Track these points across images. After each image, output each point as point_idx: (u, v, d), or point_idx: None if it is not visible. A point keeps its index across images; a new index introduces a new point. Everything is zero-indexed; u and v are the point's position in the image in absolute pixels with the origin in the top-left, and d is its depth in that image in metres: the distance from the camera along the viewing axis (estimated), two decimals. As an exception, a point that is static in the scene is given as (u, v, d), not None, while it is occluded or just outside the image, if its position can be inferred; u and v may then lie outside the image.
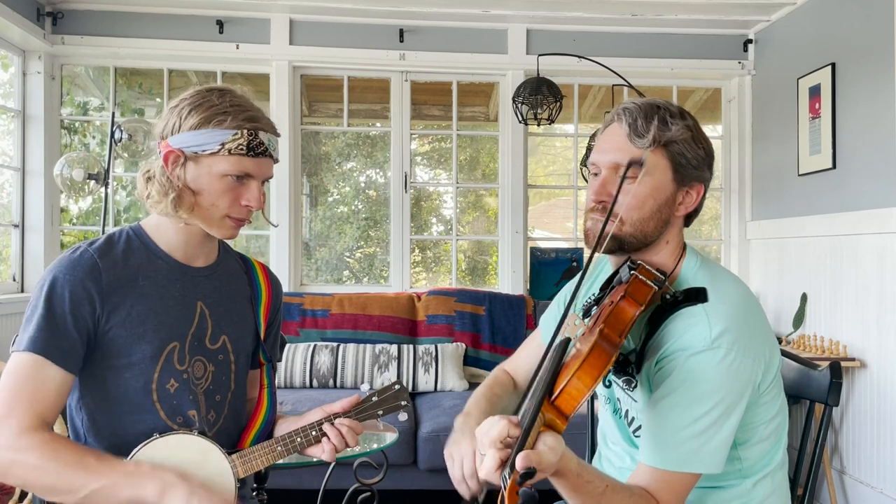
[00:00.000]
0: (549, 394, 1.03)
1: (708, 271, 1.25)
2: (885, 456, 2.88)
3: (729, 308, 1.17)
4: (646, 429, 1.19)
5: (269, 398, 1.49)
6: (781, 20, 3.69)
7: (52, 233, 3.72)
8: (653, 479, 1.15)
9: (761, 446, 1.25)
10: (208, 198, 1.31)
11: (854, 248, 3.06)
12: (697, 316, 1.17)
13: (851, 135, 3.11)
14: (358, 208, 4.42)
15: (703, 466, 1.14)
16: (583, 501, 1.08)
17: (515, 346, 3.64)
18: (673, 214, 1.25)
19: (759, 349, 1.18)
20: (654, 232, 1.24)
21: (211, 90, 1.32)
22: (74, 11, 3.70)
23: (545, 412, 1.00)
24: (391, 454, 2.61)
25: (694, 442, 1.13)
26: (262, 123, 1.32)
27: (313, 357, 3.39)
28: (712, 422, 1.13)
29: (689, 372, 1.14)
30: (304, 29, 3.85)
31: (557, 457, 0.97)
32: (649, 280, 1.18)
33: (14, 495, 2.04)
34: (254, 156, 1.30)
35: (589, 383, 1.03)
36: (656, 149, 1.21)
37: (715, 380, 1.13)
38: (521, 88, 3.58)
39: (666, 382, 1.16)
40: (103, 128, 4.10)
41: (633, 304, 1.15)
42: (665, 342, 1.19)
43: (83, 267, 1.27)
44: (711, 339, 1.14)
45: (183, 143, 1.29)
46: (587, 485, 1.07)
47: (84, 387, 1.31)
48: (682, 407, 1.14)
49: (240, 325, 1.45)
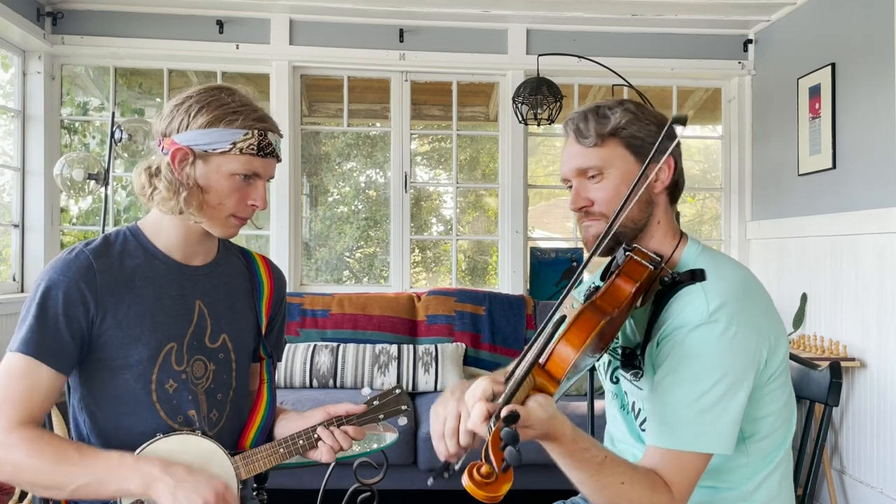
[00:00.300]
0: (540, 360, 1.04)
1: (709, 257, 1.26)
2: (885, 456, 2.88)
3: (727, 284, 1.18)
4: (651, 410, 1.18)
5: (269, 394, 1.49)
6: (781, 20, 3.69)
7: (52, 233, 3.72)
8: (661, 460, 1.13)
9: (768, 441, 1.23)
10: (216, 196, 1.31)
11: (854, 248, 3.06)
12: (694, 293, 1.17)
13: (851, 135, 3.11)
14: (358, 208, 4.42)
15: (714, 446, 1.12)
16: (581, 472, 1.07)
17: (515, 346, 3.68)
18: (652, 193, 1.26)
19: (762, 325, 1.17)
20: (641, 216, 1.26)
21: (219, 89, 1.32)
22: (74, 11, 3.70)
23: (536, 376, 1.02)
24: (391, 454, 2.61)
25: (702, 419, 1.11)
26: (270, 124, 1.34)
27: (313, 357, 3.39)
28: (718, 397, 1.12)
29: (689, 348, 1.14)
30: (304, 29, 3.85)
31: (547, 414, 0.99)
32: (644, 260, 1.19)
33: (14, 495, 2.04)
34: (263, 156, 1.32)
35: (577, 345, 1.03)
36: (607, 141, 1.24)
37: (716, 354, 1.12)
38: (521, 88, 3.58)
39: (667, 362, 1.16)
40: (103, 128, 4.10)
41: (627, 281, 1.15)
42: (664, 322, 1.19)
43: (78, 268, 1.27)
44: (709, 313, 1.13)
45: (192, 141, 1.29)
46: (584, 452, 1.06)
47: (85, 387, 1.32)
48: (686, 384, 1.13)
49: (240, 323, 1.45)
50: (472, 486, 0.87)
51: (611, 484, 1.07)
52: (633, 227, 1.25)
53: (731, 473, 1.23)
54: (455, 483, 0.93)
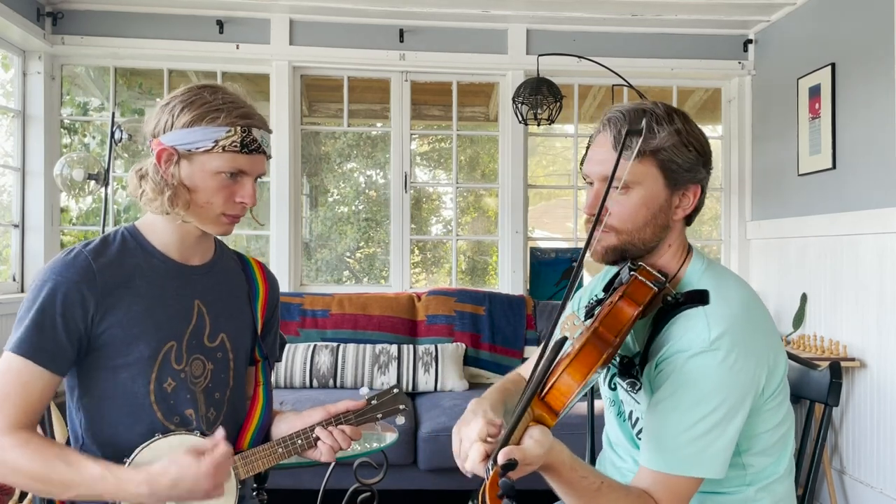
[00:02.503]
0: (540, 390, 1.04)
1: (713, 274, 1.24)
2: (885, 456, 2.88)
3: (730, 310, 1.16)
4: (646, 431, 1.18)
5: (265, 396, 1.49)
6: (781, 20, 3.69)
7: (52, 233, 3.72)
8: (653, 482, 1.14)
9: (767, 455, 1.23)
10: (203, 195, 1.31)
11: (854, 248, 3.06)
12: (697, 318, 1.16)
13: (851, 135, 3.11)
14: (358, 209, 4.42)
15: (705, 471, 1.13)
16: (578, 498, 1.08)
17: (515, 346, 3.68)
18: (671, 219, 1.24)
19: (761, 352, 1.16)
20: (653, 238, 1.23)
21: (203, 87, 1.32)
22: (74, 11, 3.70)
23: (534, 408, 1.02)
24: (391, 454, 2.61)
25: (695, 445, 1.12)
26: (255, 120, 1.32)
27: (313, 357, 3.39)
28: (714, 424, 1.12)
29: (688, 374, 1.14)
30: (304, 29, 3.84)
31: (544, 449, 0.98)
32: (649, 281, 1.18)
33: (14, 495, 2.04)
34: (248, 153, 1.30)
35: (578, 380, 1.03)
36: (644, 158, 1.19)
37: (715, 382, 1.12)
38: (521, 88, 3.58)
39: (665, 385, 1.16)
40: (103, 128, 4.10)
41: (631, 305, 1.15)
42: (664, 344, 1.18)
43: (77, 269, 1.26)
44: (710, 341, 1.13)
45: (176, 141, 1.29)
46: (582, 480, 1.06)
47: (82, 387, 1.32)
48: (683, 409, 1.13)
49: (238, 323, 1.45)
50: None
51: None
52: (642, 247, 1.23)
53: (729, 482, 1.22)
54: (455, 483, 0.93)
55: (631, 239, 1.22)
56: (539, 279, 4.02)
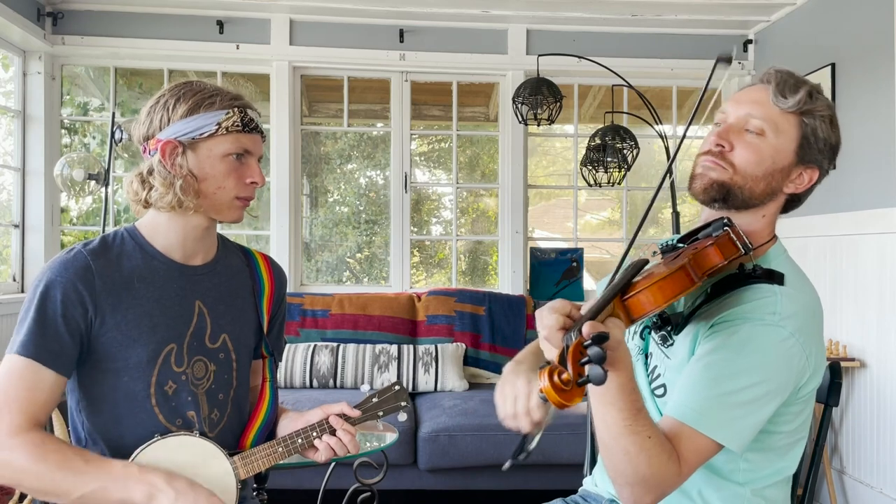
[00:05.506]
0: (623, 293, 1.05)
1: (793, 266, 1.25)
2: (885, 456, 2.88)
3: (802, 300, 1.17)
4: (684, 385, 1.14)
5: (272, 393, 1.49)
6: (781, 20, 3.70)
7: (52, 233, 3.72)
8: (678, 434, 1.10)
9: (768, 455, 1.21)
10: (214, 182, 1.32)
11: (854, 248, 3.06)
12: (771, 292, 1.15)
13: (851, 135, 3.11)
14: (359, 209, 4.42)
15: (730, 440, 1.10)
16: (619, 412, 1.04)
17: (516, 346, 3.68)
18: (781, 188, 1.24)
19: (816, 350, 1.16)
20: (761, 195, 1.23)
21: (185, 82, 1.35)
22: (74, 11, 3.70)
23: (615, 306, 1.03)
24: (391, 454, 2.61)
25: (730, 413, 1.10)
26: (247, 101, 1.36)
27: (313, 357, 3.39)
28: (753, 398, 1.10)
29: (746, 340, 1.12)
30: (304, 29, 3.85)
31: (623, 335, 1.00)
32: (738, 241, 1.16)
33: (14, 495, 2.04)
34: (249, 131, 1.33)
35: (661, 299, 1.04)
36: (793, 115, 1.20)
37: (770, 357, 1.11)
38: (521, 89, 3.58)
39: (718, 342, 1.13)
40: (103, 128, 4.10)
41: (718, 254, 1.12)
42: (727, 308, 1.16)
43: (76, 269, 1.26)
44: (780, 317, 1.12)
45: (177, 133, 1.29)
46: (633, 392, 1.04)
47: (83, 389, 1.31)
48: (729, 374, 1.11)
49: (240, 322, 1.44)
50: (549, 388, 0.86)
51: (640, 433, 1.04)
52: (746, 198, 1.22)
53: (726, 473, 1.21)
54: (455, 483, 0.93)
55: (743, 183, 1.21)
56: (539, 279, 4.02)
